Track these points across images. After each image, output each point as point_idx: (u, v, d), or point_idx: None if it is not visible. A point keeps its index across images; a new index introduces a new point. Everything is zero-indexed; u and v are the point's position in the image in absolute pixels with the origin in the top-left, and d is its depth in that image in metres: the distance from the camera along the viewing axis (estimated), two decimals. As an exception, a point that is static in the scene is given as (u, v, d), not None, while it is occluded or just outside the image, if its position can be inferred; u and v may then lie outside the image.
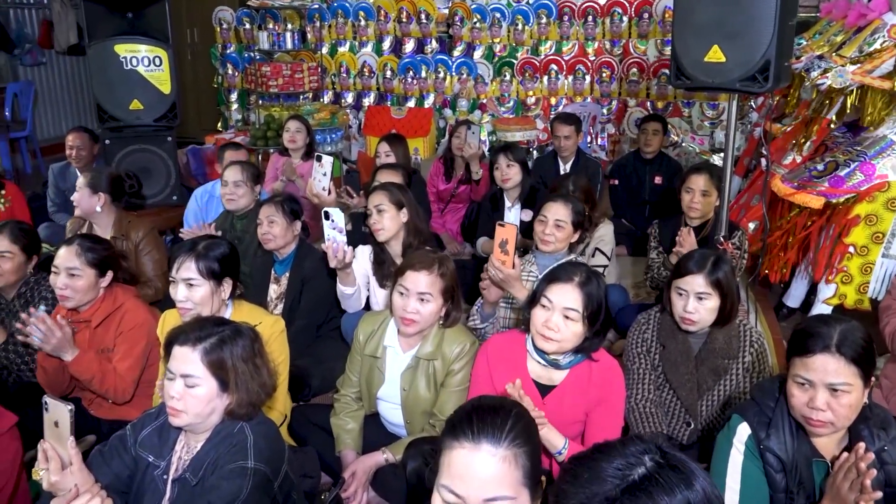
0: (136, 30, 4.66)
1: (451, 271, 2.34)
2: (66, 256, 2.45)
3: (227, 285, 2.36)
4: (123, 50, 4.56)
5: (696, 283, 2.26)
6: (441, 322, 2.36)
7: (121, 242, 3.36)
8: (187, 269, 2.28)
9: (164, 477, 1.79)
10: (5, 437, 1.83)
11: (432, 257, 2.35)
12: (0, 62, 7.47)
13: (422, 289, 2.26)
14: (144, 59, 4.59)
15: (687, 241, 3.08)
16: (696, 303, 2.26)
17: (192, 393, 1.69)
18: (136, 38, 4.60)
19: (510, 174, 3.88)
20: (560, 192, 3.41)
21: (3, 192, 4.04)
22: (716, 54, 2.82)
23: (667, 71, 6.36)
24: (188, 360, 1.70)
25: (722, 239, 3.10)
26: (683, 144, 6.22)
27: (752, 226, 3.97)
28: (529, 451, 1.30)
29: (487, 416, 1.31)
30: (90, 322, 2.52)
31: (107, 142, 4.68)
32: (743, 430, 1.83)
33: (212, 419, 1.76)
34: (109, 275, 2.54)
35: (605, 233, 3.49)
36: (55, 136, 7.99)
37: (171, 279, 2.33)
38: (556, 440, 1.98)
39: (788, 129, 4.08)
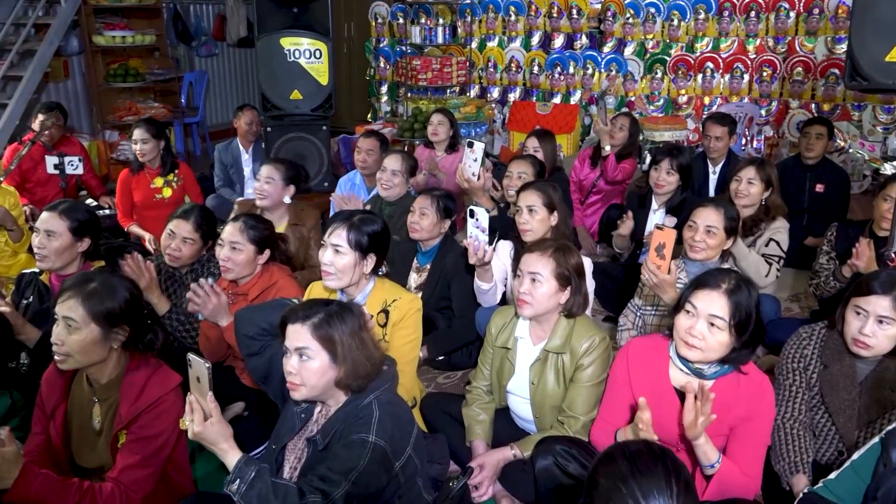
0: (301, 24, 4.93)
1: (568, 258, 2.31)
2: (231, 231, 2.68)
3: (371, 261, 2.45)
4: (288, 43, 4.84)
5: (881, 305, 2.05)
6: (561, 311, 2.34)
7: (299, 230, 3.54)
8: (338, 235, 2.39)
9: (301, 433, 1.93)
10: (171, 395, 2.01)
11: (550, 242, 2.37)
12: (180, 53, 8.17)
13: (532, 268, 2.28)
14: (306, 52, 4.86)
15: (864, 253, 2.84)
16: (876, 326, 2.06)
17: (306, 366, 1.79)
18: (299, 32, 4.87)
19: (667, 181, 3.69)
20: (736, 177, 3.33)
21: (177, 171, 4.43)
22: (899, 54, 2.59)
23: (836, 71, 5.93)
24: (300, 334, 1.80)
25: (893, 255, 2.84)
26: (851, 151, 5.77)
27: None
28: None
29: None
30: (247, 295, 2.72)
31: (268, 129, 5.00)
32: None
33: (330, 391, 1.85)
34: (267, 253, 2.74)
35: (782, 225, 3.27)
36: (222, 123, 8.65)
37: (322, 242, 2.45)
38: (710, 453, 1.90)
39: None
